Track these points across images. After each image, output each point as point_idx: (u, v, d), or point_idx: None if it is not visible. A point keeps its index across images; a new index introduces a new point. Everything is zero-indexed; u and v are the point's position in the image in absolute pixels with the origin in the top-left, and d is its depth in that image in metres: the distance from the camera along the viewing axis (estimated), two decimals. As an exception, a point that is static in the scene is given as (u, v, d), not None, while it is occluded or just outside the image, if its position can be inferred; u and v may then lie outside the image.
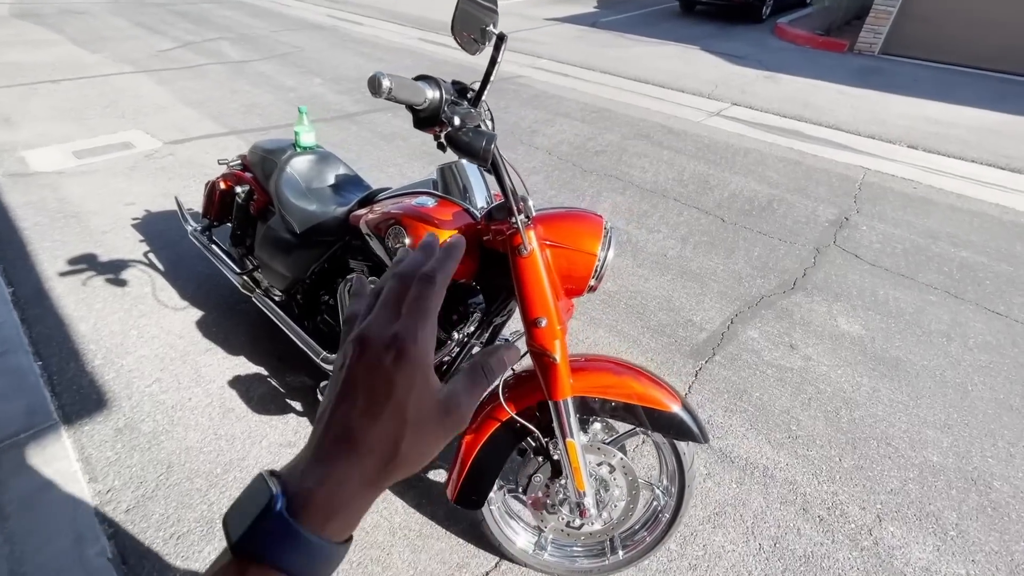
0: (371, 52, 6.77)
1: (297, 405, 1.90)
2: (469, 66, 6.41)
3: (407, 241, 1.26)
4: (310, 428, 1.84)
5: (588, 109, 5.24)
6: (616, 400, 1.22)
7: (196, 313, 2.30)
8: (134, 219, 2.94)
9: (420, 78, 0.98)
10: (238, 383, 1.97)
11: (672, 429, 1.23)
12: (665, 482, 1.36)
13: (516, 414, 1.24)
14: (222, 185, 2.05)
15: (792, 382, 2.13)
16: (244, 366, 2.05)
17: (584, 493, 1.23)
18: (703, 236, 3.14)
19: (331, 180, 1.90)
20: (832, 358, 2.26)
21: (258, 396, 1.93)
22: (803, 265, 2.92)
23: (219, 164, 2.11)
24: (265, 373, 2.03)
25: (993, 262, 3.05)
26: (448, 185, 1.37)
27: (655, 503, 1.39)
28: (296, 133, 1.87)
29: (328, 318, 1.76)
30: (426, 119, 0.97)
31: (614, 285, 2.64)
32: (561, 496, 1.29)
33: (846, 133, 4.99)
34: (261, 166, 1.87)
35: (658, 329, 2.37)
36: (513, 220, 1.09)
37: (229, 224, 2.16)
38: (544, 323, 1.11)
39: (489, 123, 1.34)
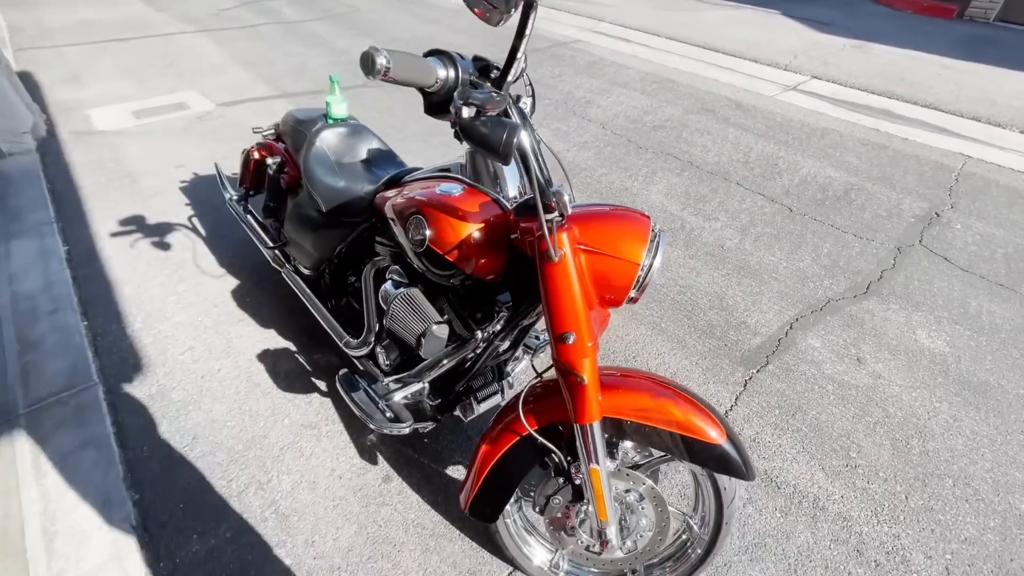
0: (427, 13, 6.57)
1: (322, 385, 1.87)
2: (540, 34, 6.10)
3: (428, 233, 1.15)
4: (332, 410, 1.81)
5: (649, 79, 4.88)
6: (651, 425, 1.08)
7: (232, 282, 2.31)
8: (182, 182, 2.99)
9: (432, 53, 0.84)
10: (266, 357, 1.96)
11: (713, 462, 1.08)
12: (700, 515, 1.22)
13: (537, 430, 1.12)
14: (256, 155, 2.00)
15: (856, 402, 1.90)
16: (273, 340, 2.04)
17: (607, 523, 1.11)
18: (766, 227, 2.86)
19: (363, 155, 1.80)
20: (906, 377, 2.00)
21: (284, 372, 1.91)
22: (880, 266, 2.60)
23: (254, 133, 2.06)
24: (293, 349, 2.01)
25: (1117, 275, 2.61)
26: (478, 170, 1.23)
27: (685, 536, 1.26)
28: (327, 104, 1.77)
29: (353, 301, 1.69)
30: (439, 104, 0.83)
31: (661, 277, 2.44)
32: (581, 519, 1.18)
33: (945, 114, 4.41)
34: (292, 137, 1.80)
35: (706, 330, 2.18)
36: (545, 219, 0.95)
37: (263, 194, 2.13)
38: (572, 339, 0.97)
39: (528, 101, 1.18)
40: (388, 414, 1.39)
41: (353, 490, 1.56)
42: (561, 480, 1.16)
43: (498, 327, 1.27)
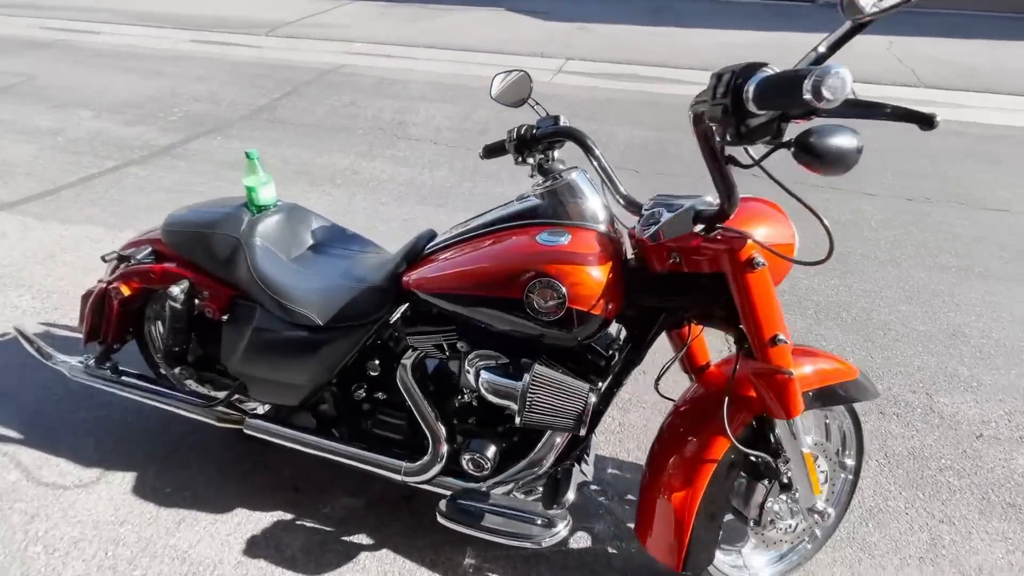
0: (140, 65, 5.36)
1: (358, 538, 1.44)
2: (273, 63, 5.49)
3: (564, 291, 0.96)
4: (397, 557, 1.40)
5: (441, 88, 4.90)
6: (820, 388, 1.12)
7: (121, 478, 1.58)
8: (-89, 378, 1.90)
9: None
10: (261, 544, 1.41)
11: (862, 393, 1.18)
12: (847, 449, 1.32)
13: (738, 443, 1.06)
14: (124, 290, 1.37)
15: (794, 303, 2.29)
16: (252, 520, 1.48)
17: (819, 496, 1.13)
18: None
19: (308, 240, 1.40)
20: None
21: (300, 549, 1.40)
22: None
23: (105, 261, 1.41)
24: (288, 516, 1.49)
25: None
26: (557, 209, 1.07)
27: (843, 474, 1.34)
28: (249, 189, 1.30)
29: (389, 418, 1.32)
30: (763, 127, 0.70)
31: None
32: (783, 509, 1.17)
33: (672, 68, 5.50)
34: (205, 248, 1.28)
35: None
36: (731, 231, 0.90)
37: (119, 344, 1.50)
38: (783, 339, 0.94)
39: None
40: (540, 520, 1.14)
41: (495, 631, 1.26)
42: (767, 481, 1.12)
43: (614, 374, 1.15)
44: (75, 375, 1.50)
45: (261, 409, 1.53)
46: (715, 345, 1.40)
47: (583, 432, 1.06)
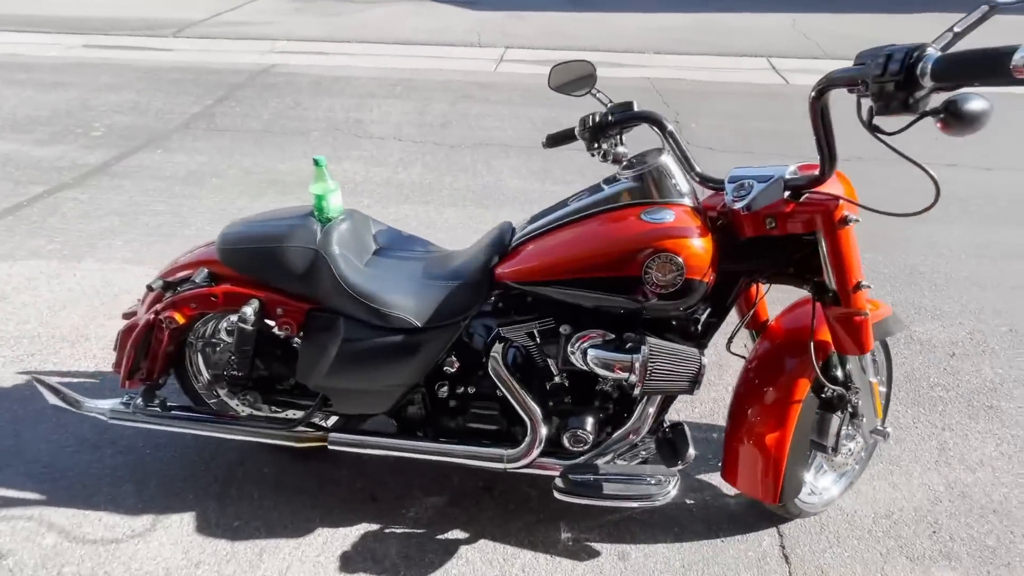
0: (31, 76, 4.75)
1: (455, 534, 1.45)
2: (192, 66, 5.08)
3: (682, 263, 1.04)
4: (499, 547, 1.42)
5: (387, 83, 4.78)
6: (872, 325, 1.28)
7: (180, 520, 1.47)
8: None
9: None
10: (356, 559, 1.38)
11: (898, 328, 1.38)
12: (881, 377, 1.51)
13: (817, 381, 1.20)
14: (177, 319, 1.27)
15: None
16: (338, 538, 1.44)
17: (880, 419, 1.30)
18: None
19: (372, 246, 1.37)
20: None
21: (398, 555, 1.39)
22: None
23: (152, 290, 1.29)
24: (375, 527, 1.47)
25: (778, 124, 4.03)
26: (653, 189, 1.15)
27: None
28: (319, 198, 1.24)
29: (482, 410, 1.34)
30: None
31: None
32: (851, 435, 1.33)
33: (607, 52, 5.71)
34: (278, 263, 1.22)
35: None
36: (819, 194, 1.02)
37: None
38: (866, 284, 1.09)
39: None
40: (652, 480, 1.23)
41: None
42: (840, 412, 1.27)
43: (702, 336, 1.25)
44: (118, 418, 1.37)
45: (326, 423, 1.49)
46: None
47: (697, 392, 1.15)
